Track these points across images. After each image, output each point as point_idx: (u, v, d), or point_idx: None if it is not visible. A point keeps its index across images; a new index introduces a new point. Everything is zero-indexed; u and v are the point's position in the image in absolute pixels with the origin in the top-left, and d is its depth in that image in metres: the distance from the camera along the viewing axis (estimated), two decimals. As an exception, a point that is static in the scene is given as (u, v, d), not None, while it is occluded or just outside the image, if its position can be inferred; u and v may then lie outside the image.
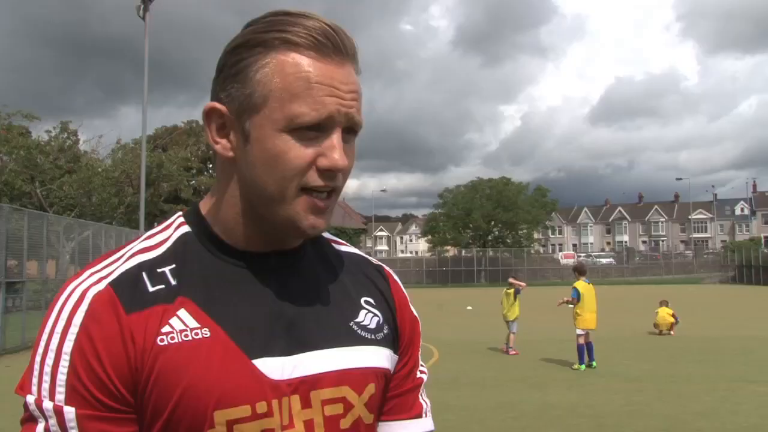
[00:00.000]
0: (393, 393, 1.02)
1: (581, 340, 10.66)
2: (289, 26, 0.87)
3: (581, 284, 11.01)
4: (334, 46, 0.87)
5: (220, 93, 0.90)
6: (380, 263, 1.10)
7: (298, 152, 0.86)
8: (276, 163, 0.86)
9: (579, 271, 11.45)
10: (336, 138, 0.87)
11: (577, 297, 10.89)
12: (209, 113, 0.91)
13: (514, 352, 12.47)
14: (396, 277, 1.10)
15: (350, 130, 0.90)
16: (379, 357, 0.98)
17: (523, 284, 13.49)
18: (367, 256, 1.10)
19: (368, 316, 0.99)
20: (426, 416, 1.05)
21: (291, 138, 0.86)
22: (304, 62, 0.86)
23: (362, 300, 1.01)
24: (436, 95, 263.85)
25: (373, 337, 0.98)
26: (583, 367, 10.55)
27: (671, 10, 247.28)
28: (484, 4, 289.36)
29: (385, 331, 1.00)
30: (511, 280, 13.62)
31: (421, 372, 1.08)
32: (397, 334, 1.03)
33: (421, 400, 1.06)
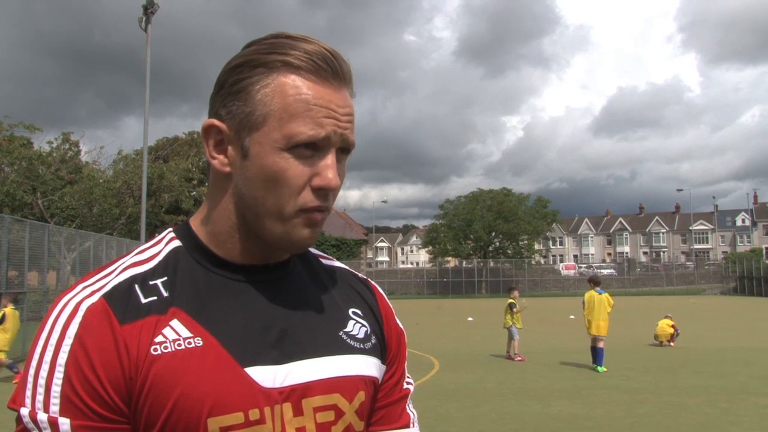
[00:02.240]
0: (381, 403, 1.04)
1: (593, 344, 11.73)
2: (290, 49, 0.90)
3: (589, 293, 11.99)
4: (332, 70, 0.92)
5: (219, 110, 0.93)
6: (366, 277, 1.14)
7: (297, 170, 0.89)
8: (275, 179, 0.89)
9: (593, 281, 12.25)
10: (330, 158, 0.91)
11: (583, 305, 12.04)
12: (208, 129, 0.94)
13: (520, 358, 13.08)
14: (381, 291, 1.13)
15: (344, 150, 0.94)
16: (368, 365, 1.00)
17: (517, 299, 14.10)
18: (352, 270, 1.13)
19: (357, 326, 1.02)
20: (413, 426, 1.07)
21: (290, 156, 0.89)
22: (304, 85, 0.90)
23: (350, 311, 1.04)
24: (439, 106, 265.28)
25: (361, 346, 1.00)
26: (600, 368, 11.49)
27: (673, 21, 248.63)
28: (487, 15, 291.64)
29: (373, 341, 1.03)
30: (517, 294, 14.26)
31: (408, 383, 1.10)
32: (385, 345, 1.06)
33: (408, 411, 1.08)
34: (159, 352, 0.86)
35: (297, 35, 0.92)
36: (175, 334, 0.88)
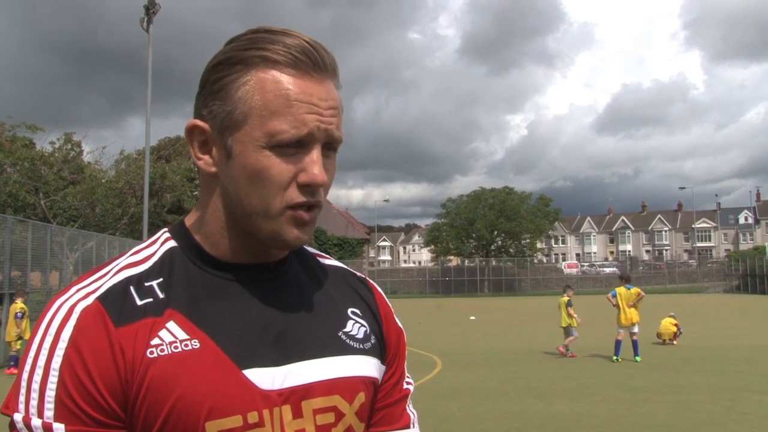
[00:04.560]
0: (381, 404, 1.03)
1: (619, 336, 12.76)
2: (268, 44, 0.88)
3: (619, 289, 13.16)
4: (313, 62, 0.88)
5: (202, 110, 0.92)
6: (364, 276, 1.12)
7: (280, 168, 0.87)
8: (258, 178, 0.88)
9: (623, 278, 13.60)
10: (316, 154, 0.88)
11: (614, 296, 13.18)
12: (191, 130, 0.92)
13: (572, 355, 13.40)
14: (380, 289, 1.11)
15: (329, 146, 0.91)
16: (368, 366, 0.99)
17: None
18: (350, 269, 1.11)
19: (356, 326, 1.00)
20: (413, 427, 1.06)
21: (272, 154, 0.87)
22: (283, 80, 0.87)
23: (349, 311, 1.02)
24: (443, 104, 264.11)
25: (361, 346, 0.99)
26: (615, 358, 12.51)
27: (677, 18, 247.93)
28: (491, 12, 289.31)
29: (373, 341, 1.01)
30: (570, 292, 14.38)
31: (408, 383, 1.09)
32: (384, 345, 1.04)
33: (408, 411, 1.07)
34: (155, 354, 0.84)
35: (277, 29, 0.90)
36: (172, 336, 0.86)
